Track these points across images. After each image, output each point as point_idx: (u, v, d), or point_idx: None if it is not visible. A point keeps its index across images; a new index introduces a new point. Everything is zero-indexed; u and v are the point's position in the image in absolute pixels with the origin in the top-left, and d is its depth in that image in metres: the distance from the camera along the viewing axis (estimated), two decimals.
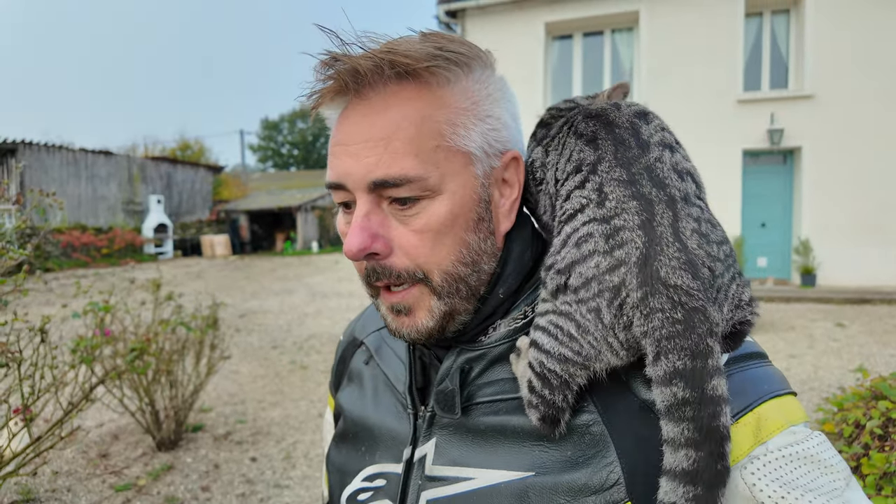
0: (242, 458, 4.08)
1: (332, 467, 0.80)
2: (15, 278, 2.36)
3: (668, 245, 0.49)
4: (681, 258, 0.49)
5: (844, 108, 9.74)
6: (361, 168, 0.58)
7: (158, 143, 33.36)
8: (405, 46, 0.57)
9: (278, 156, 56.73)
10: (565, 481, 0.55)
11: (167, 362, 4.01)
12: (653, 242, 0.49)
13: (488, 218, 0.63)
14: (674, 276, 0.48)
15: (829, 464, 0.50)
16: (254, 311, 9.79)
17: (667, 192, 0.53)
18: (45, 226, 3.09)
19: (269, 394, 5.49)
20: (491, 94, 0.63)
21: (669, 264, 0.48)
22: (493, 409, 0.63)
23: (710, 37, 10.23)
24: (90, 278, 12.75)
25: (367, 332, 0.88)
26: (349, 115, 0.60)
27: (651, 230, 0.50)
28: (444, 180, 0.58)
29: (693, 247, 0.50)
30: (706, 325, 0.47)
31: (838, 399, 2.46)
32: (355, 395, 0.82)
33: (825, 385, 5.06)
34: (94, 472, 3.87)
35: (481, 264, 0.63)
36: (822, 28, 9.79)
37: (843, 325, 7.44)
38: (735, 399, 0.52)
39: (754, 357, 0.57)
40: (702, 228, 0.52)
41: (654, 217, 0.51)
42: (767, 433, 0.51)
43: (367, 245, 0.58)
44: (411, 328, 0.63)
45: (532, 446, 0.59)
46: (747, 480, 0.49)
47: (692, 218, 0.52)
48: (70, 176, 19.13)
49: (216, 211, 25.09)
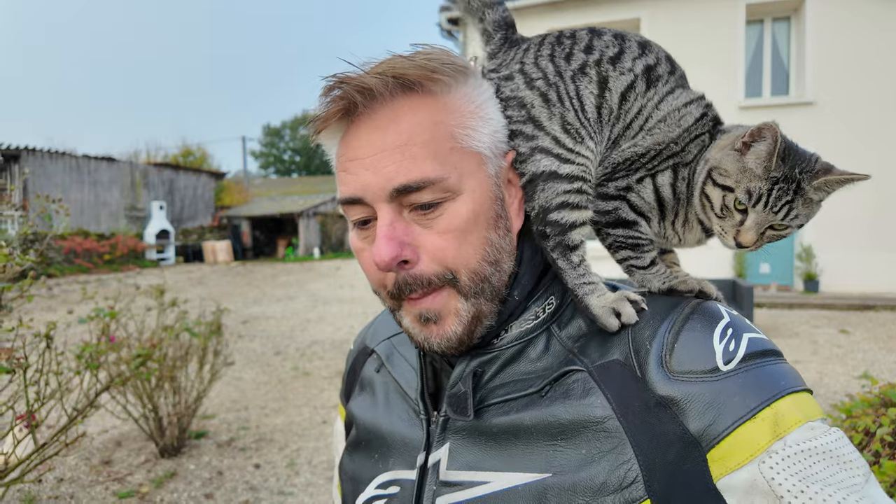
0: (246, 465, 4.06)
1: (344, 476, 0.80)
2: (20, 284, 2.36)
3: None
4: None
5: (845, 114, 9.76)
6: (381, 178, 0.58)
7: (161, 150, 33.51)
8: (404, 61, 0.59)
9: (280, 162, 56.90)
10: (583, 480, 0.55)
11: (171, 369, 4.00)
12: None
13: (505, 216, 0.64)
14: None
15: (848, 459, 0.50)
16: (256, 318, 9.78)
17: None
18: (49, 232, 3.09)
19: (272, 400, 5.47)
20: (489, 98, 0.65)
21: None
22: (504, 409, 0.63)
23: (712, 44, 10.27)
24: (92, 284, 12.77)
25: (377, 340, 0.88)
26: (358, 132, 0.61)
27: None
28: (462, 180, 0.60)
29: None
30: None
31: (847, 406, 2.44)
32: (367, 403, 0.82)
33: (830, 392, 5.04)
34: (98, 479, 3.85)
35: (502, 263, 0.64)
36: (823, 35, 9.83)
37: (846, 332, 7.42)
38: (752, 395, 0.52)
39: (770, 354, 0.57)
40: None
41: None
42: (785, 428, 0.51)
43: (397, 254, 0.58)
44: (441, 337, 0.63)
45: (546, 446, 0.59)
46: (766, 475, 0.49)
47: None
48: (73, 182, 19.20)
49: (218, 217, 25.14)
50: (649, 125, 0.66)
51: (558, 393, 0.61)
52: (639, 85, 0.66)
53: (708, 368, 0.54)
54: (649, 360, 0.57)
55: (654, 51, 0.68)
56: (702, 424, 0.52)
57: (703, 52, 10.31)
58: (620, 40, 0.66)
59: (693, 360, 0.55)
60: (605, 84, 0.65)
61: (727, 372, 0.54)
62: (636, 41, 0.67)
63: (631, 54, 0.66)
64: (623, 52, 0.66)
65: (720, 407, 0.52)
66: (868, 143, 9.68)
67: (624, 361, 0.59)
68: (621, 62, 0.65)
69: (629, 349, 0.59)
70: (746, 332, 0.58)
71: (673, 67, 0.68)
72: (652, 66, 0.66)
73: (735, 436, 0.51)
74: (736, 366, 0.54)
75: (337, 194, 0.65)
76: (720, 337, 0.56)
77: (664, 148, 0.66)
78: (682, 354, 0.56)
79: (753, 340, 0.57)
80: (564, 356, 0.63)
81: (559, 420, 0.59)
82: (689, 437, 0.52)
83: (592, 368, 0.60)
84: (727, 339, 0.56)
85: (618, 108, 0.65)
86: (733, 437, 0.51)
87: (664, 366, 0.56)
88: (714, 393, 0.53)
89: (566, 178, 0.63)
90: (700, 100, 0.68)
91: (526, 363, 0.65)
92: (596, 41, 0.66)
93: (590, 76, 0.65)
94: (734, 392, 0.52)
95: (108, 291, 4.13)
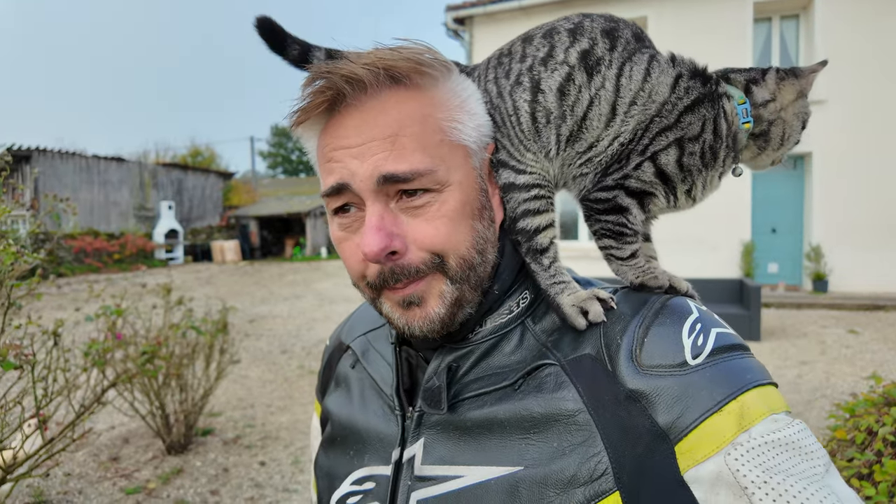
0: (251, 463, 4.09)
1: (320, 472, 0.81)
2: (29, 282, 2.39)
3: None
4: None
5: (855, 112, 9.67)
6: (368, 167, 0.59)
7: (170, 150, 33.83)
8: (392, 53, 0.60)
9: (288, 162, 57.05)
10: (554, 473, 0.56)
11: (177, 366, 4.04)
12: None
13: (489, 207, 0.66)
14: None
15: (810, 450, 0.51)
16: (263, 316, 9.84)
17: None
18: (59, 231, 3.13)
19: (277, 398, 5.51)
20: (473, 93, 0.66)
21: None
22: (478, 402, 0.64)
23: (719, 42, 10.21)
24: (102, 283, 12.88)
25: (353, 336, 0.88)
26: (343, 122, 0.61)
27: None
28: (450, 173, 0.61)
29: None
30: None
31: (850, 405, 2.43)
32: (342, 399, 0.82)
33: (837, 392, 5.00)
34: (105, 475, 3.90)
35: (487, 253, 0.65)
36: (833, 33, 9.74)
37: (855, 332, 7.36)
38: (719, 388, 0.53)
39: (736, 349, 0.57)
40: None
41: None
42: (750, 421, 0.52)
43: (387, 244, 0.59)
44: (423, 319, 0.63)
45: (518, 440, 0.59)
46: (731, 466, 0.50)
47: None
48: (83, 182, 19.38)
49: (226, 217, 25.29)
50: (620, 111, 0.64)
51: (531, 386, 0.62)
52: (577, 76, 0.63)
53: (676, 363, 0.55)
54: (620, 354, 0.58)
55: (587, 32, 0.65)
56: (670, 417, 0.53)
57: (710, 51, 10.23)
58: (549, 38, 0.65)
59: (662, 355, 0.56)
60: (538, 87, 0.64)
61: (695, 366, 0.55)
62: (566, 30, 0.65)
63: (561, 47, 0.64)
64: (553, 48, 0.64)
65: (688, 400, 0.53)
66: (878, 142, 9.58)
67: (595, 356, 0.59)
68: (553, 59, 0.64)
69: (601, 344, 0.60)
70: (715, 327, 0.59)
71: (613, 41, 0.64)
72: (587, 50, 0.64)
73: (702, 428, 0.52)
74: (704, 360, 0.55)
75: (321, 187, 0.64)
76: (689, 332, 0.57)
77: (645, 129, 0.64)
78: (652, 349, 0.57)
79: (721, 335, 0.58)
80: (538, 350, 0.64)
81: (532, 413, 0.60)
82: (657, 430, 0.53)
83: (565, 362, 0.61)
84: (696, 334, 0.57)
85: (558, 106, 0.64)
86: (700, 429, 0.52)
87: (634, 360, 0.57)
88: (682, 387, 0.54)
89: (523, 188, 0.66)
90: (664, 63, 0.65)
91: (500, 357, 0.66)
92: (527, 48, 0.66)
93: (524, 85, 0.64)
94: (702, 386, 0.53)
95: (116, 290, 4.17)
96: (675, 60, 0.66)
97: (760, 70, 0.69)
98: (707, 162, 0.66)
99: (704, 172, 0.67)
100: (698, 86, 0.65)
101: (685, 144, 0.65)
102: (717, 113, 0.65)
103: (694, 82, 0.65)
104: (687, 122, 0.64)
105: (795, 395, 4.99)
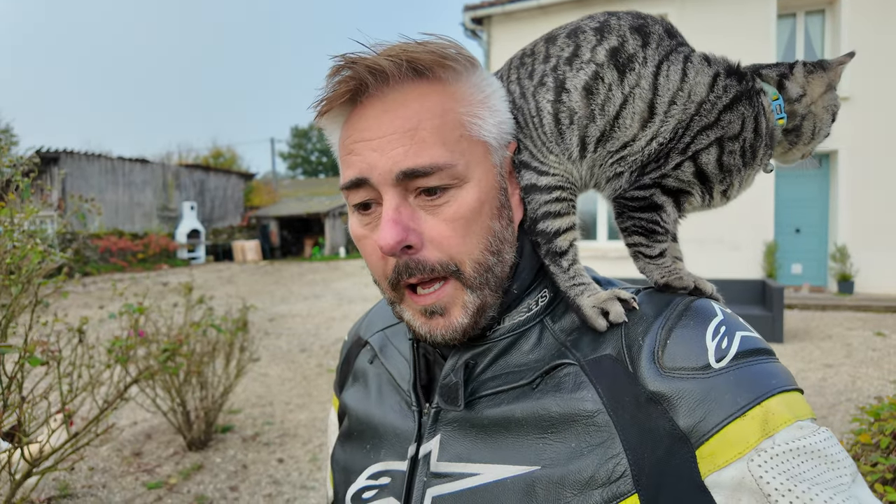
0: (270, 460, 4.14)
1: (336, 466, 0.81)
2: (55, 280, 2.45)
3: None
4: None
5: (882, 109, 9.42)
6: (387, 160, 0.58)
7: (192, 151, 34.43)
8: (416, 46, 0.59)
9: (307, 163, 57.57)
10: (572, 474, 0.55)
11: (198, 364, 4.11)
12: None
13: (508, 206, 0.65)
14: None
15: (836, 459, 0.50)
16: (283, 315, 9.94)
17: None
18: (85, 231, 3.21)
19: (296, 396, 5.56)
20: (496, 90, 0.65)
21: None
22: (495, 400, 0.63)
23: (742, 38, 10.02)
24: (126, 282, 13.13)
25: (371, 331, 0.88)
26: (365, 114, 0.61)
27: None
28: (469, 168, 0.60)
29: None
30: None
31: (875, 409, 2.37)
32: (360, 394, 0.82)
33: (863, 396, 4.88)
34: (128, 470, 3.98)
35: (504, 253, 0.64)
36: (859, 28, 9.51)
37: (882, 335, 7.17)
38: (743, 392, 0.52)
39: (761, 353, 0.56)
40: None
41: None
42: (774, 427, 0.50)
43: (402, 238, 0.58)
44: (447, 328, 0.63)
45: (536, 439, 0.59)
46: (754, 473, 0.49)
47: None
48: (108, 183, 19.80)
49: (247, 217, 25.61)
50: (659, 111, 0.63)
51: (549, 385, 0.61)
52: (606, 74, 0.62)
53: (700, 365, 0.54)
54: (641, 355, 0.57)
55: (615, 30, 0.63)
56: (691, 421, 0.52)
57: (733, 47, 9.98)
58: (574, 37, 0.64)
59: (685, 357, 0.55)
60: (563, 86, 0.63)
61: (719, 369, 0.54)
62: (591, 28, 0.64)
63: (588, 46, 0.63)
64: (579, 47, 0.63)
65: (710, 404, 0.52)
66: None
67: (616, 357, 0.59)
68: (579, 58, 0.63)
69: (622, 345, 0.59)
70: (739, 330, 0.58)
71: (645, 38, 0.63)
72: (616, 47, 0.62)
73: (724, 433, 0.51)
74: (728, 363, 0.54)
75: (340, 180, 0.64)
76: (713, 334, 0.56)
77: (686, 129, 0.63)
78: (675, 351, 0.56)
79: (746, 339, 0.57)
80: (557, 349, 0.64)
81: (549, 413, 0.59)
82: (678, 433, 0.52)
83: (584, 363, 0.60)
84: (720, 337, 0.56)
85: (584, 105, 0.63)
86: (722, 434, 0.51)
87: (656, 362, 0.56)
88: (705, 390, 0.53)
89: (545, 189, 0.65)
90: (700, 63, 0.64)
91: (518, 355, 0.65)
92: (551, 48, 0.65)
93: (547, 85, 0.64)
94: (725, 389, 0.52)
95: (139, 289, 4.25)
96: (709, 59, 0.65)
97: (787, 65, 0.68)
98: (747, 160, 0.65)
99: (743, 171, 0.66)
100: (735, 84, 0.64)
101: (725, 143, 0.64)
102: (756, 111, 0.64)
103: (731, 80, 0.64)
104: (727, 120, 0.63)
105: (819, 399, 4.88)
